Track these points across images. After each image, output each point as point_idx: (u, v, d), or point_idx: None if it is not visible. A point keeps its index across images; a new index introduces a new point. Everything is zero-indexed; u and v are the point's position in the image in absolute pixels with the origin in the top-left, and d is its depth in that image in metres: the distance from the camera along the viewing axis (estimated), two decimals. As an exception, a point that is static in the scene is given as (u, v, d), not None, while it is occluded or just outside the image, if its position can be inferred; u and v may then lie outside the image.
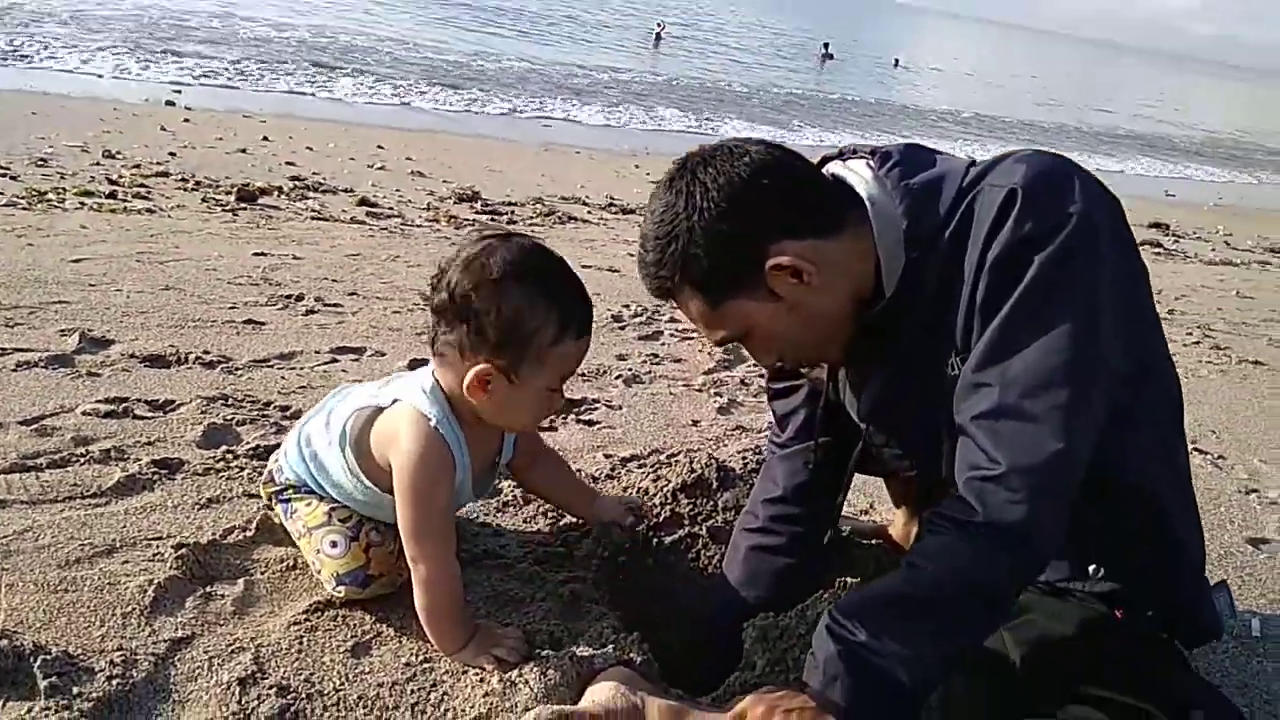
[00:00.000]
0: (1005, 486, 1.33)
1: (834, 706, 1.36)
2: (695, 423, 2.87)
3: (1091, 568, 1.55)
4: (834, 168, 1.54)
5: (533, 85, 15.83)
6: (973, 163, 1.48)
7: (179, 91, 10.01)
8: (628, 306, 4.03)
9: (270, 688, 1.46)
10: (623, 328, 3.77)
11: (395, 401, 1.62)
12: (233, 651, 1.54)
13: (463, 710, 1.45)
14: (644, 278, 1.53)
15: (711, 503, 2.06)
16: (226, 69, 12.32)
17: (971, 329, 1.40)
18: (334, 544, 1.67)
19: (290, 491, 1.77)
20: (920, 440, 1.58)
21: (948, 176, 1.46)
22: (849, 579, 1.92)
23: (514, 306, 1.50)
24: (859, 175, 1.50)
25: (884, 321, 1.49)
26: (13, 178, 5.11)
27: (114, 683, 1.43)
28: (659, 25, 29.27)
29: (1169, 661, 1.48)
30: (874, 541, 2.11)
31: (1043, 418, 1.33)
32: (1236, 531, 2.59)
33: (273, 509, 1.83)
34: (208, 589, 1.69)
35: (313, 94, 12.10)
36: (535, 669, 1.50)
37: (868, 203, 1.47)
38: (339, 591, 1.66)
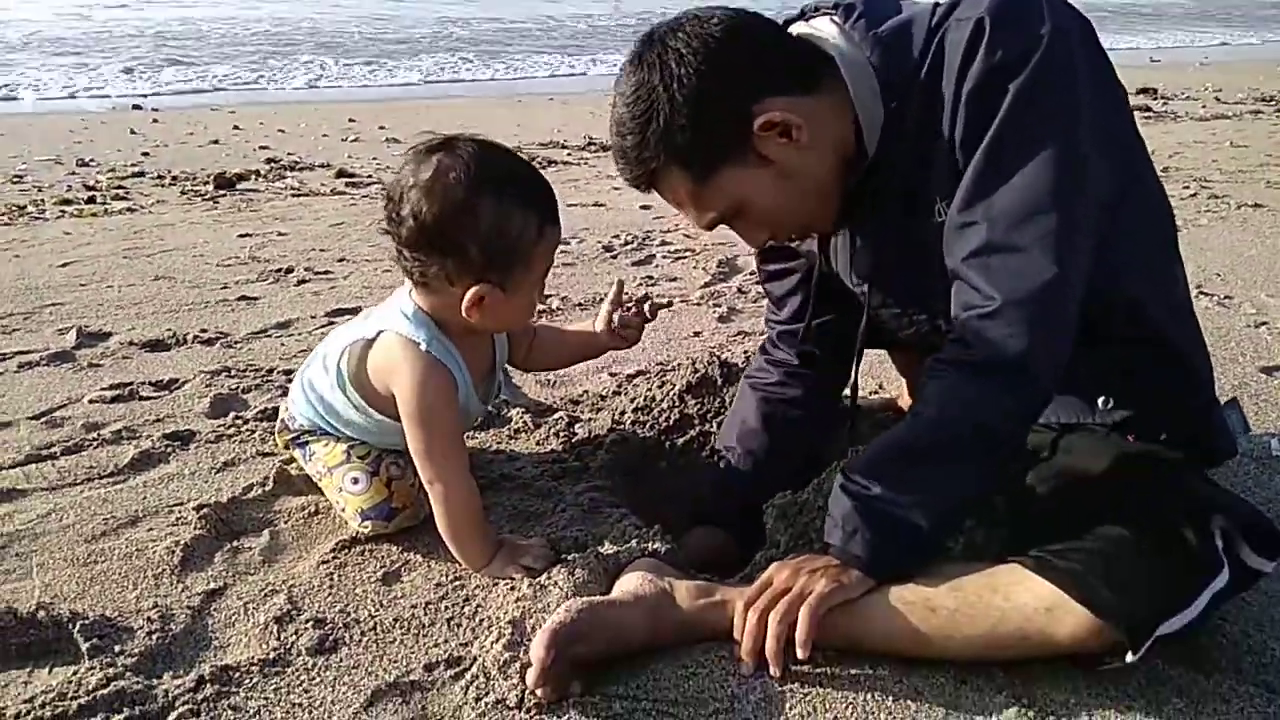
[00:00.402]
0: (1001, 320, 1.32)
1: (856, 559, 1.38)
2: (697, 334, 2.87)
3: (1100, 400, 1.54)
4: (798, 28, 1.50)
5: (507, 45, 15.53)
6: (937, 3, 1.43)
7: (143, 100, 9.86)
8: (617, 237, 4.01)
9: (307, 621, 1.49)
10: (614, 256, 3.76)
11: (380, 332, 1.61)
12: (266, 595, 1.57)
13: (497, 617, 1.47)
14: (623, 166, 1.47)
15: (719, 399, 2.06)
16: (193, 62, 12.09)
17: (953, 169, 1.37)
18: (355, 480, 1.68)
19: (306, 435, 1.78)
20: (918, 293, 1.57)
21: (915, 19, 1.41)
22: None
23: (492, 224, 1.46)
24: (825, 32, 1.46)
25: (871, 178, 1.47)
26: (-10, 196, 5.10)
27: (154, 637, 1.45)
28: None
29: (1188, 477, 1.48)
30: (885, 414, 2.12)
31: (1032, 246, 1.31)
32: (1249, 363, 2.58)
33: (291, 457, 1.84)
34: (234, 543, 1.72)
35: (278, 79, 11.93)
36: (563, 570, 1.52)
37: (838, 58, 1.42)
38: (365, 527, 1.68)
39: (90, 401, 2.34)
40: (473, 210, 1.45)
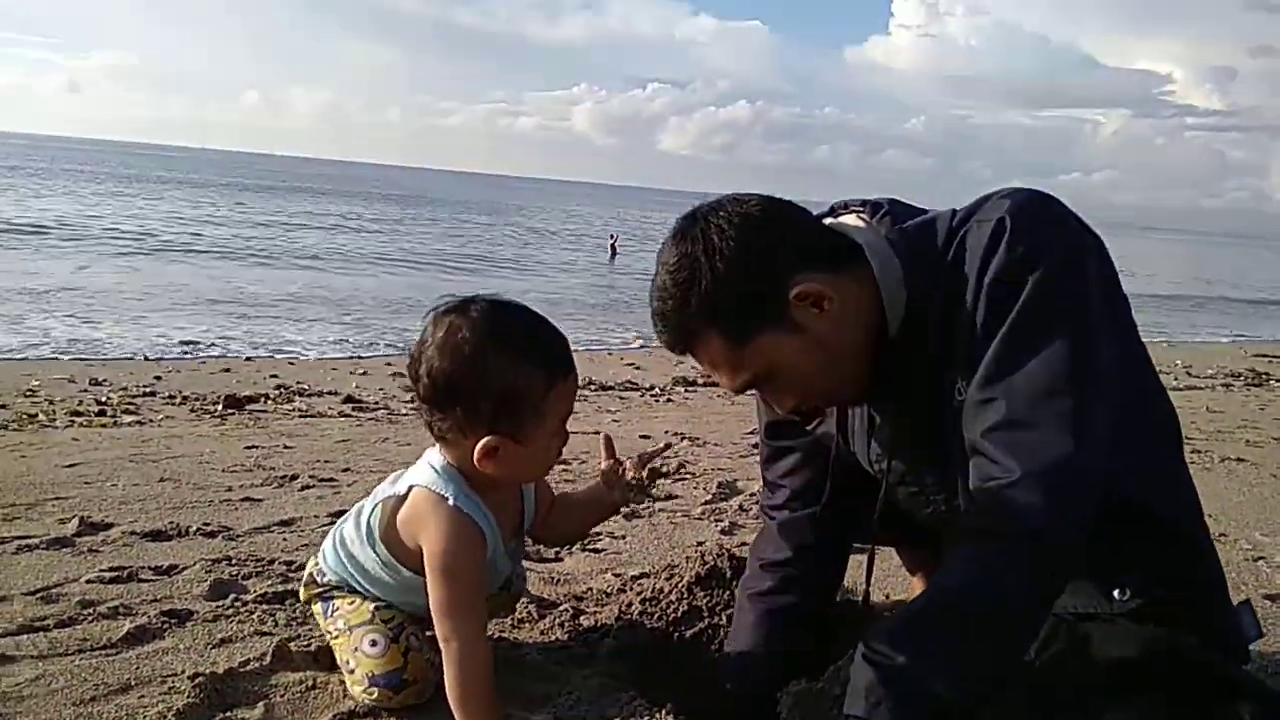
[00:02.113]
0: (1019, 490, 1.36)
1: (880, 731, 1.34)
2: (700, 544, 2.87)
3: (1116, 591, 1.56)
4: (827, 222, 1.63)
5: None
6: (955, 210, 1.57)
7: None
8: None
9: (301, 787, 1.41)
10: (616, 477, 3.80)
11: (411, 488, 1.65)
12: (259, 762, 1.49)
13: (502, 789, 1.40)
14: (662, 329, 1.54)
15: (728, 592, 2.04)
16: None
17: (974, 352, 1.45)
18: (374, 643, 1.65)
19: (333, 590, 1.77)
20: (936, 471, 1.61)
21: (938, 219, 1.55)
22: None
23: (499, 376, 1.51)
24: (852, 226, 1.60)
25: (894, 358, 1.55)
26: (2, 405, 5.19)
27: (139, 797, 1.37)
28: (612, 237, 30.55)
29: (1212, 661, 1.47)
30: (891, 611, 2.09)
31: (1049, 424, 1.37)
32: (1251, 591, 2.58)
33: (311, 610, 1.83)
34: (227, 714, 1.65)
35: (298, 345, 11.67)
36: (572, 743, 1.46)
37: (865, 247, 1.54)
38: (370, 693, 1.64)
39: (88, 581, 2.29)
40: (480, 365, 1.51)
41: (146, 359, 7.71)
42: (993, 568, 1.39)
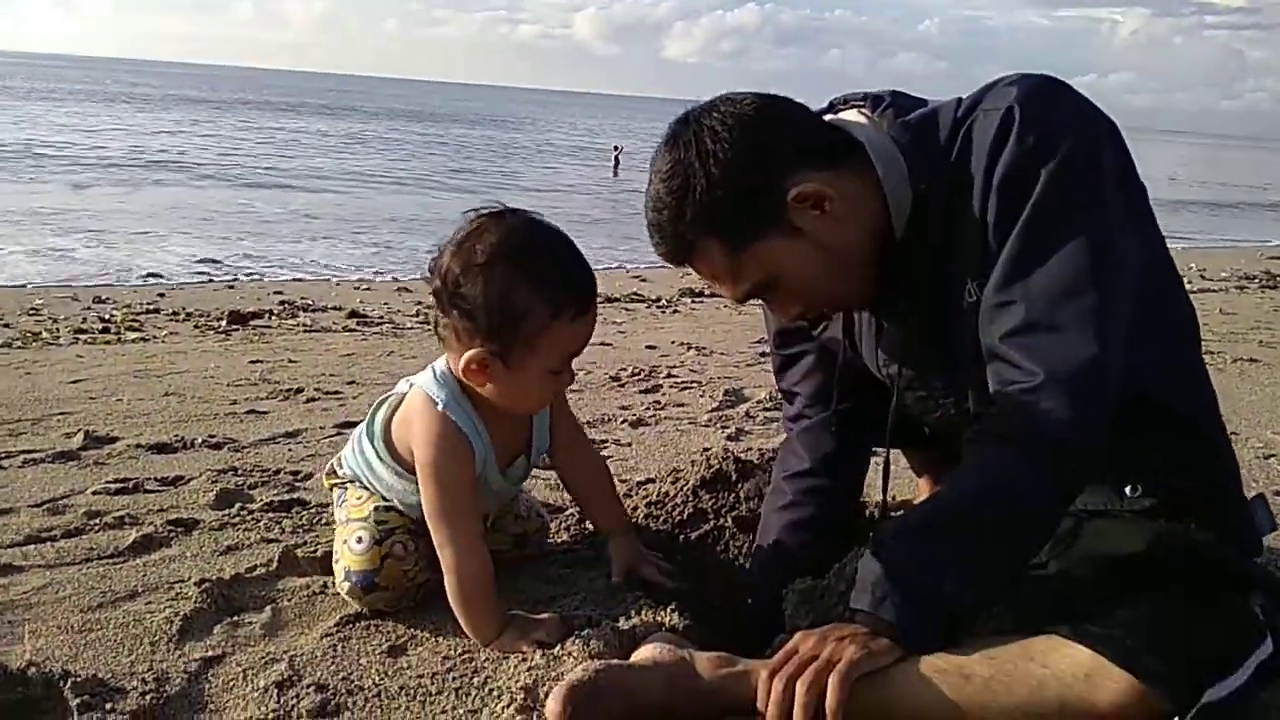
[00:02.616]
0: (1044, 395, 1.32)
1: (885, 626, 1.33)
2: (706, 449, 2.85)
3: (1128, 488, 1.53)
4: (826, 119, 1.55)
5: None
6: (960, 98, 1.49)
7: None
8: (624, 369, 4.05)
9: (309, 687, 1.43)
10: (622, 385, 3.79)
11: (412, 387, 1.63)
12: (266, 663, 1.50)
13: (507, 687, 1.41)
14: (659, 241, 1.48)
15: (733, 494, 2.03)
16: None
17: (986, 251, 1.39)
18: (359, 539, 1.65)
19: (348, 483, 1.78)
20: (946, 373, 1.57)
21: (940, 110, 1.47)
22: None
23: (499, 291, 1.46)
24: (853, 122, 1.51)
25: (900, 259, 1.49)
26: (5, 325, 5.17)
27: (148, 698, 1.39)
28: (616, 149, 30.10)
29: (1223, 554, 1.45)
30: (900, 512, 2.08)
31: (1072, 324, 1.32)
32: (1264, 487, 2.56)
33: (330, 499, 1.85)
34: (235, 618, 1.66)
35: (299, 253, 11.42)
36: (578, 641, 1.47)
37: (867, 143, 1.46)
38: (343, 587, 1.66)
39: (93, 493, 2.30)
40: (485, 273, 1.47)
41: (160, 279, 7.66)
42: (1013, 472, 1.36)
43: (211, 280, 7.57)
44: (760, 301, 1.58)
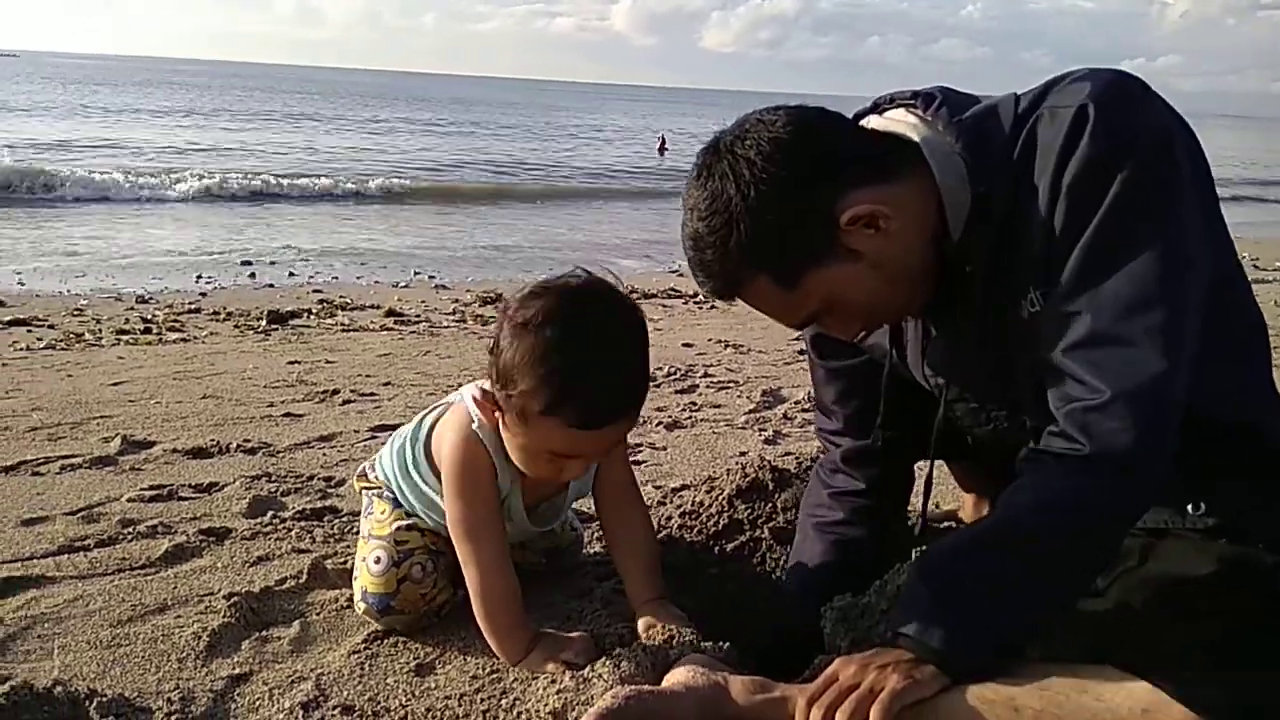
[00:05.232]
0: (1110, 413, 1.24)
1: (933, 653, 1.27)
2: (742, 454, 2.80)
3: (1190, 506, 1.45)
4: (872, 121, 1.46)
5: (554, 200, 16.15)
6: (1017, 94, 1.40)
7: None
8: (660, 369, 4.00)
9: (334, 708, 1.40)
10: (658, 385, 3.73)
11: (460, 400, 1.61)
12: (293, 682, 1.48)
13: (536, 710, 1.37)
14: (704, 280, 1.39)
15: (770, 504, 1.98)
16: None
17: (1050, 259, 1.30)
18: (378, 560, 1.63)
19: (376, 491, 1.76)
20: (999, 386, 1.49)
21: (1000, 106, 1.38)
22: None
23: (516, 356, 1.38)
24: (903, 122, 1.42)
25: (956, 265, 1.40)
26: (50, 326, 5.25)
27: (173, 718, 1.37)
28: (660, 137, 30.16)
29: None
30: (945, 524, 2.02)
31: (1141, 339, 1.24)
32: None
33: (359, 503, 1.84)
34: (263, 632, 1.65)
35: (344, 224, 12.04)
36: (608, 663, 1.42)
37: (922, 144, 1.38)
38: (359, 606, 1.64)
39: (128, 500, 2.30)
40: (516, 335, 1.40)
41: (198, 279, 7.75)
42: (1074, 493, 1.28)
43: (254, 279, 7.63)
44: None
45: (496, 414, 1.47)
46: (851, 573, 1.67)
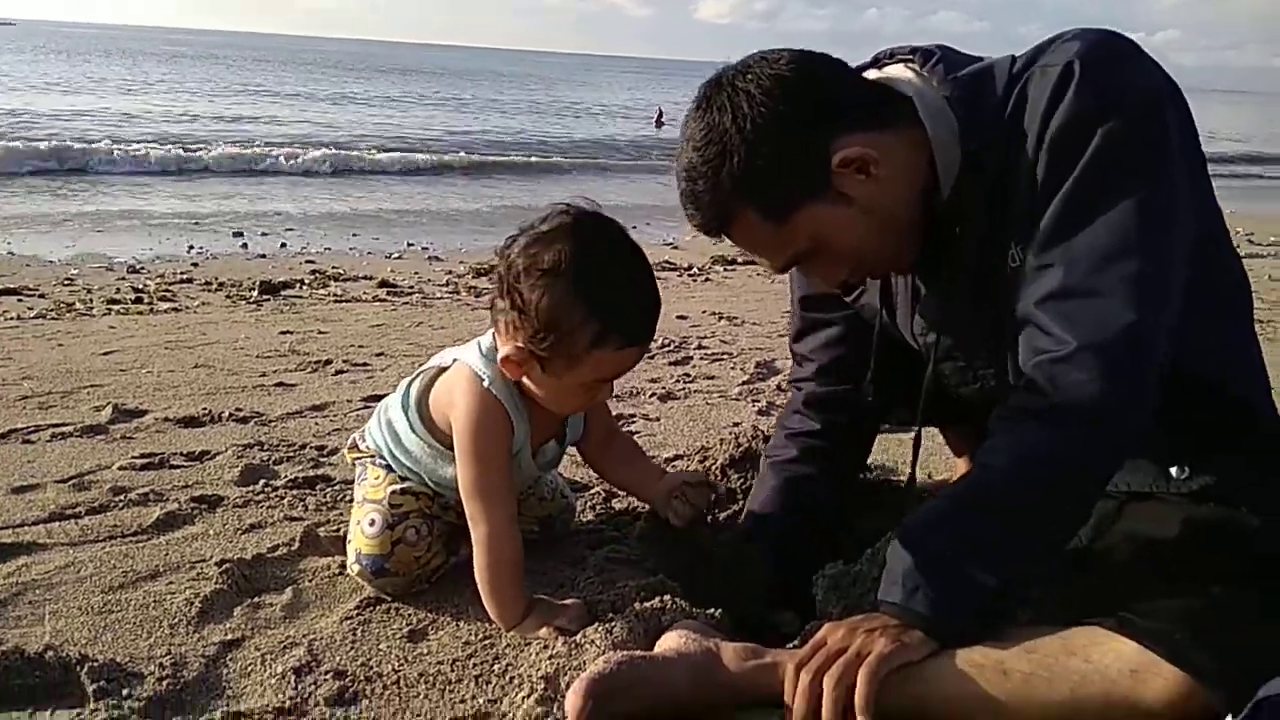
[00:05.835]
0: (1076, 365, 1.25)
1: (918, 618, 1.28)
2: (735, 425, 2.80)
3: (1174, 469, 1.45)
4: (871, 74, 1.47)
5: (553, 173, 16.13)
6: (1014, 55, 1.41)
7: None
8: (654, 340, 3.99)
9: (326, 673, 1.41)
10: (651, 357, 3.73)
11: (455, 361, 1.61)
12: (285, 647, 1.49)
13: (528, 674, 1.37)
14: (694, 212, 1.41)
15: (763, 474, 1.98)
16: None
17: (1032, 214, 1.31)
18: (372, 522, 1.64)
19: (369, 459, 1.76)
20: (987, 343, 1.50)
21: (995, 66, 1.39)
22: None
23: (553, 304, 1.41)
24: (900, 77, 1.43)
25: (946, 221, 1.41)
26: (41, 295, 5.21)
27: (164, 683, 1.37)
28: (658, 110, 30.03)
29: (1274, 541, 1.37)
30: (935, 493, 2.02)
31: (1112, 291, 1.24)
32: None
33: (352, 472, 1.83)
34: (255, 599, 1.65)
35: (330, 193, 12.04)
36: (600, 628, 1.43)
37: (915, 98, 1.39)
38: (353, 569, 1.65)
39: (120, 468, 2.29)
40: (545, 283, 1.42)
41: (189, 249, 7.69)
42: (1045, 449, 1.29)
43: (245, 249, 7.59)
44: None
45: (523, 370, 1.49)
46: (798, 510, 1.73)
